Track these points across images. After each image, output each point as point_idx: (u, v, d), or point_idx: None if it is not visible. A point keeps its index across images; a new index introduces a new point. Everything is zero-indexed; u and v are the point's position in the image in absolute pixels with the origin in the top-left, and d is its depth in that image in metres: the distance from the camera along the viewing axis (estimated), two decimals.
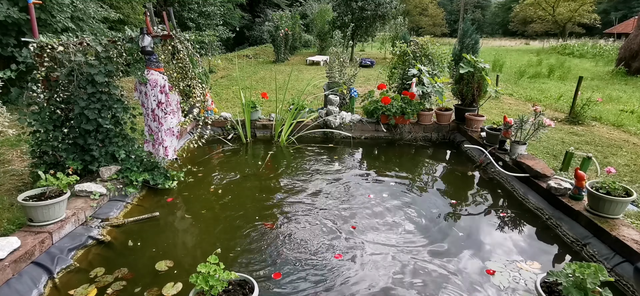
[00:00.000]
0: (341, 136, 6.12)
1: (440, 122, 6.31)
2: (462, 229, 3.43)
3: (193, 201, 3.93)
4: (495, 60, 14.84)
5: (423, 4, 50.33)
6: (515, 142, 4.51)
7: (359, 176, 4.73)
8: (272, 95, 7.65)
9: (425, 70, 6.31)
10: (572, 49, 23.50)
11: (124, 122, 3.96)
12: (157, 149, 4.19)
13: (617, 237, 2.85)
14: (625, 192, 3.13)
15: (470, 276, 2.76)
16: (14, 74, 3.43)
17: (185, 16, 17.57)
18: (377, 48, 23.28)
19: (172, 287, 2.57)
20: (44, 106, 3.58)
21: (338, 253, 3.02)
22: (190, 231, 3.40)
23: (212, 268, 2.08)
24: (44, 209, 2.87)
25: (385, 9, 16.94)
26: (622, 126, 6.55)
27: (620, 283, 2.63)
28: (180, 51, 3.97)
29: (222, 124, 6.22)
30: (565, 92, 9.48)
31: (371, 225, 3.47)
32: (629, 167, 4.52)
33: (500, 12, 55.37)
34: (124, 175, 3.82)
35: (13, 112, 5.79)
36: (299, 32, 20.96)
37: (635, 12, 36.09)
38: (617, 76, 13.05)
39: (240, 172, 4.81)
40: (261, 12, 27.94)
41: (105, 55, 3.68)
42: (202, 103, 4.14)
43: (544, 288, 2.26)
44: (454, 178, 4.80)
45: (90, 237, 3.10)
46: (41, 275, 2.59)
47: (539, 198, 3.84)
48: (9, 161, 4.40)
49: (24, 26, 6.61)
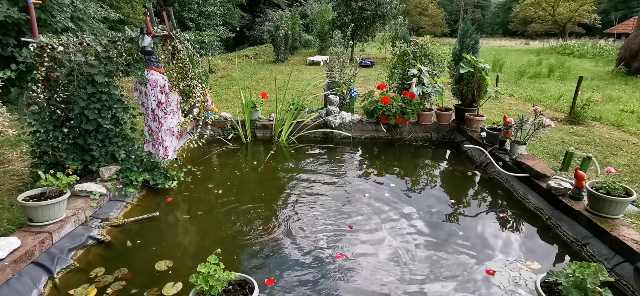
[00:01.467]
0: (341, 136, 6.12)
1: (440, 122, 6.31)
2: (461, 229, 3.43)
3: (193, 201, 3.93)
4: (495, 60, 14.85)
5: (423, 4, 50.36)
6: (515, 142, 4.51)
7: (359, 176, 4.73)
8: (272, 95, 7.66)
9: (425, 70, 6.31)
10: (572, 49, 23.51)
11: (124, 122, 3.96)
12: (157, 149, 4.19)
13: (617, 237, 2.85)
14: (625, 192, 3.13)
15: (470, 276, 2.76)
16: (14, 74, 3.44)
17: (185, 16, 17.58)
18: (377, 48, 23.29)
19: (172, 287, 2.57)
20: (44, 106, 3.58)
21: (339, 253, 3.02)
22: (190, 231, 3.40)
23: (212, 268, 2.08)
24: (44, 209, 2.87)
25: (385, 9, 16.94)
26: (622, 126, 6.55)
27: (620, 283, 2.63)
28: (180, 50, 3.97)
29: (222, 124, 6.22)
30: (565, 92, 9.48)
31: (371, 225, 3.47)
32: (629, 167, 4.52)
33: (500, 12, 55.40)
34: (124, 175, 3.82)
35: (13, 112, 5.79)
36: (299, 32, 20.96)
37: (635, 12, 36.10)
38: (617, 76, 13.05)
39: (240, 172, 4.81)
40: (261, 12, 27.95)
41: (105, 55, 3.68)
42: (202, 103, 4.14)
43: (544, 288, 2.26)
44: (454, 178, 4.80)
45: (90, 237, 3.10)
46: (41, 275, 2.59)
47: (539, 198, 3.84)
48: (9, 161, 4.40)
49: (24, 26, 6.61)
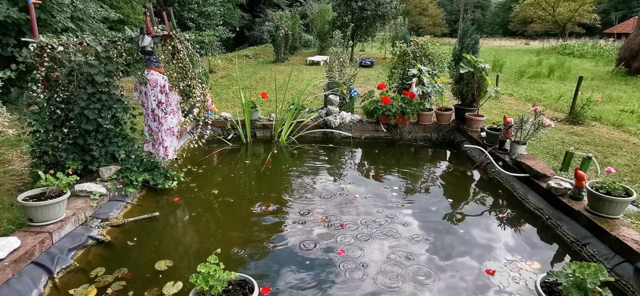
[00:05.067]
0: (341, 136, 6.12)
1: (440, 122, 6.31)
2: (461, 229, 3.43)
3: (193, 201, 3.93)
4: (495, 60, 14.84)
5: (423, 4, 50.35)
6: (515, 142, 4.51)
7: (359, 175, 4.73)
8: (272, 95, 7.66)
9: (425, 70, 6.31)
10: (572, 49, 23.51)
11: (124, 122, 3.96)
12: (157, 149, 4.19)
13: (617, 237, 2.85)
14: (625, 192, 3.13)
15: (470, 276, 2.76)
16: (14, 74, 3.44)
17: (185, 16, 17.59)
18: (377, 48, 23.27)
19: (172, 287, 2.57)
20: (44, 106, 3.58)
21: (340, 250, 3.02)
22: (190, 231, 3.40)
23: (212, 268, 2.08)
24: (44, 209, 2.87)
25: (385, 9, 16.94)
26: (622, 126, 6.55)
27: (620, 283, 2.63)
28: (180, 50, 3.97)
29: (222, 124, 6.22)
30: (565, 92, 9.48)
31: (371, 225, 3.46)
32: (629, 167, 4.52)
33: (500, 12, 55.42)
34: (124, 175, 3.82)
35: (13, 112, 5.79)
36: (299, 32, 20.96)
37: (635, 12, 36.11)
38: (617, 76, 13.05)
39: (240, 172, 4.81)
40: (261, 12, 27.95)
41: (105, 55, 3.68)
42: (202, 103, 4.14)
43: (544, 288, 2.26)
44: (454, 178, 4.80)
45: (90, 237, 3.10)
46: (41, 275, 2.59)
47: (539, 198, 3.84)
48: (9, 161, 4.40)
49: (24, 26, 6.61)
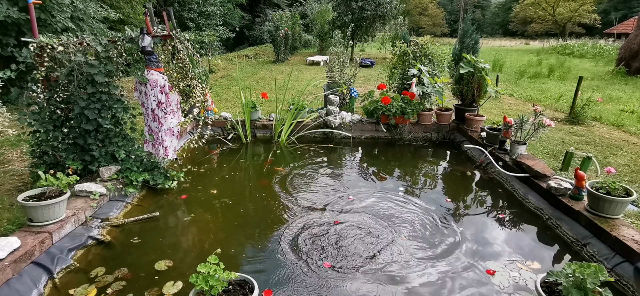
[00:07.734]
0: (341, 136, 6.12)
1: (440, 122, 6.31)
2: (461, 229, 3.43)
3: (193, 201, 3.93)
4: (495, 60, 14.84)
5: (423, 4, 50.34)
6: (515, 143, 4.51)
7: (358, 175, 4.73)
8: (272, 95, 7.66)
9: (425, 70, 6.31)
10: (572, 49, 23.52)
11: (124, 122, 3.96)
12: (157, 149, 4.19)
13: (617, 237, 2.85)
14: (625, 192, 3.13)
15: (470, 276, 2.76)
16: (14, 74, 3.44)
17: (185, 16, 17.58)
18: (377, 48, 23.29)
19: (172, 286, 2.57)
20: (44, 106, 3.58)
21: (340, 250, 3.02)
22: (190, 231, 3.40)
23: (212, 268, 2.08)
24: (44, 209, 2.87)
25: (385, 9, 16.94)
26: (622, 126, 6.55)
27: (620, 283, 2.63)
28: (180, 50, 3.97)
29: (222, 124, 6.22)
30: (565, 92, 9.47)
31: (371, 225, 3.46)
32: (629, 167, 4.52)
33: (500, 12, 55.40)
34: (124, 175, 3.82)
35: (13, 112, 5.80)
36: (299, 32, 20.97)
37: (635, 12, 36.09)
38: (617, 76, 13.05)
39: (240, 172, 4.81)
40: (261, 12, 27.97)
41: (105, 55, 3.68)
42: (202, 103, 4.13)
43: (544, 288, 2.26)
44: (453, 178, 4.80)
45: (90, 237, 3.10)
46: (41, 275, 2.59)
47: (539, 198, 3.84)
48: (9, 161, 4.40)
49: (24, 26, 6.61)
